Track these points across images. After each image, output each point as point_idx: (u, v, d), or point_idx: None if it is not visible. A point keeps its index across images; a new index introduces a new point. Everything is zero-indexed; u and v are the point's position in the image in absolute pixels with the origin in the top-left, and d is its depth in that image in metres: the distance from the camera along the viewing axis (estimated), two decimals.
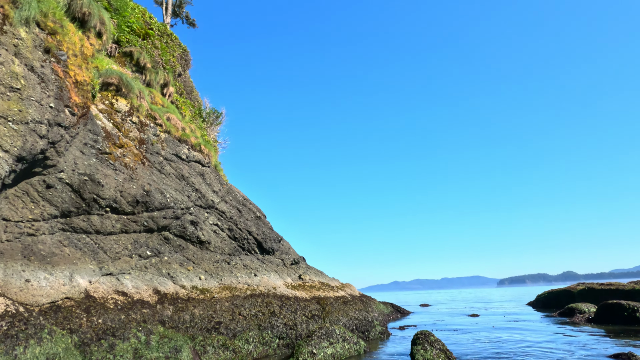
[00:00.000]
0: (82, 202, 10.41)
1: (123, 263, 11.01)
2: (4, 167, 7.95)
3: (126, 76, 13.65)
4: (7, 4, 8.80)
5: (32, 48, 9.36)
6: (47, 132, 9.25)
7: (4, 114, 8.12)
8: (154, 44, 17.98)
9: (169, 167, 14.32)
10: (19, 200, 9.22)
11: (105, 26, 13.45)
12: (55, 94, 9.72)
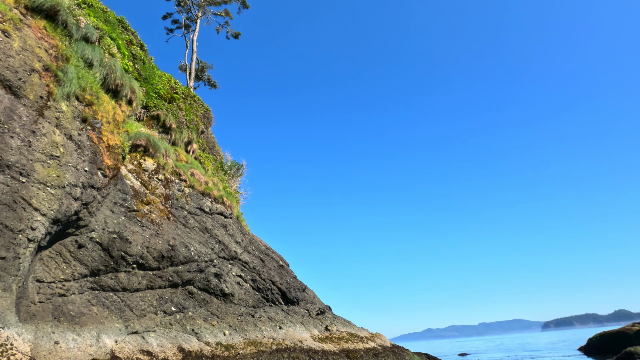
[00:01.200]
0: (111, 260, 10.69)
1: (148, 320, 10.95)
2: (41, 230, 8.40)
3: (153, 137, 14.59)
4: (52, 82, 9.86)
5: (71, 119, 10.27)
6: (81, 194, 9.83)
7: (43, 180, 8.75)
8: (178, 106, 19.35)
9: (193, 221, 14.68)
10: (52, 261, 9.58)
11: (135, 94, 14.70)
12: (90, 159, 10.46)
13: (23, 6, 10.24)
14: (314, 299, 20.23)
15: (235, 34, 38.14)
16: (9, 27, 9.08)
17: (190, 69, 33.04)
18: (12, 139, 8.36)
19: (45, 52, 10.04)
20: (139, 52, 17.95)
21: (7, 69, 8.66)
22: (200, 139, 23.00)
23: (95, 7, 15.98)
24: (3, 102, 8.35)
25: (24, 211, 8.12)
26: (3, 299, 7.02)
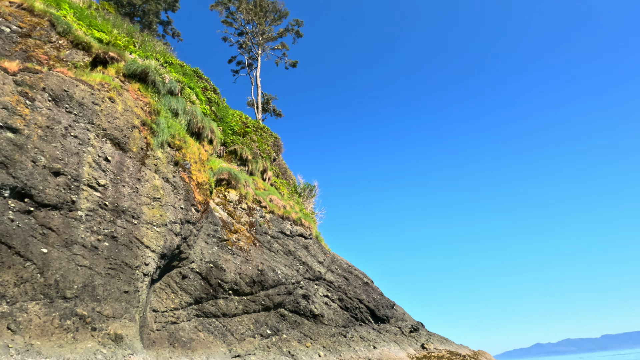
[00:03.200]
0: (210, 287, 11.56)
1: (248, 344, 11.48)
2: (153, 265, 9.47)
3: (234, 170, 15.75)
4: (149, 134, 11.31)
5: (166, 163, 11.60)
6: (181, 229, 10.91)
7: (150, 220, 9.92)
8: (251, 138, 20.74)
9: (276, 245, 15.28)
10: (163, 292, 10.69)
11: (215, 134, 16.15)
12: (184, 197, 11.62)
13: (122, 74, 12.07)
14: (404, 315, 19.34)
15: (292, 63, 40.14)
16: (113, 94, 10.74)
17: (257, 103, 35.45)
18: (124, 188, 9.69)
19: (141, 110, 11.61)
20: (213, 95, 19.82)
21: (114, 129, 10.18)
22: (274, 166, 24.21)
23: (175, 63, 18.17)
24: (115, 157, 9.79)
25: (138, 249, 9.25)
26: (129, 328, 7.97)
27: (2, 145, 7.45)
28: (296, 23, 38.77)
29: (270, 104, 39.22)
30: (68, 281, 7.45)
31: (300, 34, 39.38)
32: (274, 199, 17.48)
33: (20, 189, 7.42)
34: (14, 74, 8.61)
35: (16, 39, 10.84)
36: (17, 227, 7.12)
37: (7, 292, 6.56)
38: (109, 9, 22.05)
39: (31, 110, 8.38)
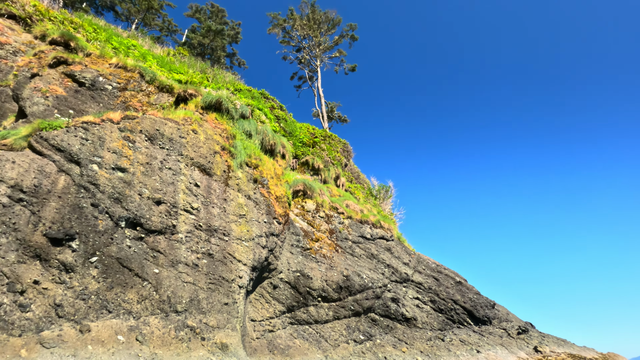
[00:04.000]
0: (300, 295, 11.93)
1: (343, 350, 11.52)
2: (246, 278, 10.14)
3: (308, 181, 16.20)
4: (228, 157, 12.28)
5: (246, 182, 12.43)
6: (266, 242, 11.53)
7: (239, 236, 10.68)
8: (321, 147, 21.19)
9: (358, 249, 15.20)
10: (257, 302, 11.36)
11: (286, 148, 16.88)
12: (266, 211, 12.28)
13: (200, 107, 13.37)
14: (508, 315, 17.53)
15: (352, 68, 40.21)
16: (195, 126, 11.93)
17: (321, 113, 36.22)
18: (214, 209, 10.62)
19: (220, 136, 12.67)
20: (280, 113, 20.80)
21: (200, 157, 11.27)
22: (346, 172, 24.32)
23: (243, 89, 19.57)
24: (203, 182, 10.81)
25: (232, 264, 10.00)
26: (233, 337, 8.60)
27: (115, 184, 8.77)
28: (350, 28, 38.89)
29: (335, 111, 39.72)
30: (178, 296, 8.36)
31: (355, 38, 39.38)
32: (350, 204, 17.49)
33: (132, 219, 8.62)
34: (117, 122, 10.13)
35: (117, 93, 12.77)
36: (133, 252, 8.27)
37: (132, 308, 7.61)
38: (184, 52, 24.78)
39: (133, 150, 9.73)
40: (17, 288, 6.60)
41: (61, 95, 11.28)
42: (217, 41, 35.31)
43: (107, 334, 6.91)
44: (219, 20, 39.62)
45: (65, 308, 6.86)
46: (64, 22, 15.63)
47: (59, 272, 7.17)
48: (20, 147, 8.34)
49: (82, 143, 8.94)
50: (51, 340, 6.30)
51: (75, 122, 9.44)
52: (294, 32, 39.17)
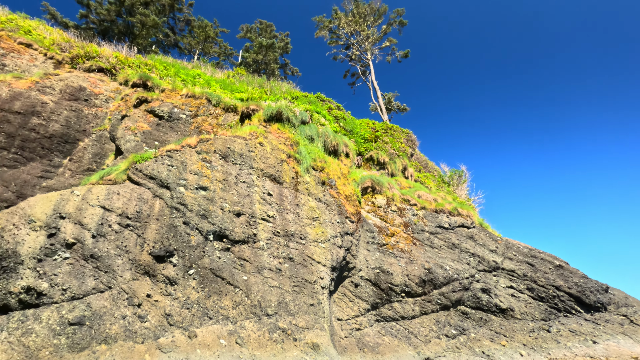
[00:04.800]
0: (382, 292, 11.80)
1: (435, 346, 11.09)
2: (327, 278, 10.35)
3: (375, 176, 15.99)
4: (295, 164, 12.69)
5: (315, 185, 12.71)
6: (342, 242, 11.64)
7: (315, 239, 10.95)
8: (383, 141, 20.77)
9: (437, 240, 14.53)
10: (341, 301, 11.50)
11: (349, 147, 16.89)
12: (337, 211, 12.41)
13: (263, 120, 14.05)
14: (627, 299, 15.18)
15: (404, 54, 38.79)
16: (261, 139, 12.57)
17: (379, 106, 35.53)
18: (288, 214, 11.05)
19: (284, 145, 13.17)
20: (338, 113, 20.90)
21: (269, 167, 11.84)
22: (412, 162, 23.48)
23: (300, 96, 20.10)
24: (275, 190, 11.34)
25: (312, 266, 10.29)
26: (322, 337, 8.83)
27: (200, 202, 9.64)
28: (397, 14, 37.59)
29: (393, 102, 38.66)
30: (267, 300, 8.86)
31: (404, 23, 37.94)
32: (422, 195, 16.83)
33: (218, 232, 9.38)
34: (194, 146, 11.13)
35: (190, 120, 14.04)
36: (223, 262, 8.98)
37: (229, 314, 8.27)
38: (241, 72, 26.34)
39: (211, 170, 10.60)
40: (135, 302, 7.61)
41: (146, 130, 12.78)
42: (269, 55, 36.84)
43: (211, 339, 7.60)
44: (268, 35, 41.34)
45: (174, 317, 7.72)
46: (140, 66, 17.71)
47: (165, 286, 8.10)
48: (121, 180, 9.63)
49: (168, 169, 10.01)
50: (167, 345, 7.13)
51: (160, 151, 10.61)
52: (341, 31, 39.12)
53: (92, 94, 14.13)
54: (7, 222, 7.48)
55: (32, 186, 10.76)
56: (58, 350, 6.42)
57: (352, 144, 18.26)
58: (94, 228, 8.07)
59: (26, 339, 6.41)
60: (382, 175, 17.45)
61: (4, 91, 11.86)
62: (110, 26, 30.15)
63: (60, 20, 29.13)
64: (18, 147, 11.11)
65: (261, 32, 41.66)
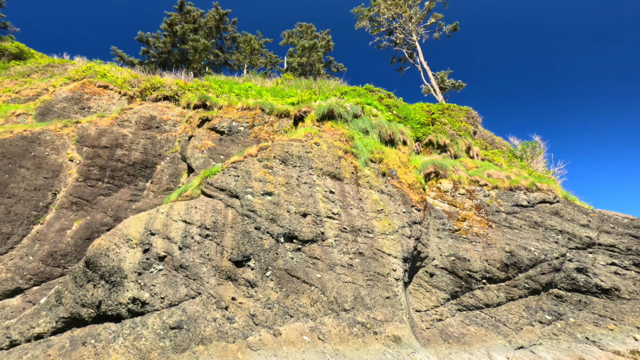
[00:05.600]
0: (460, 280, 11.24)
1: (528, 333, 10.26)
2: (400, 270, 10.16)
3: (437, 160, 15.29)
4: (353, 159, 12.65)
5: (375, 177, 12.54)
6: (411, 232, 11.33)
7: (382, 231, 10.81)
8: (441, 122, 19.76)
9: (515, 220, 13.42)
10: (417, 292, 11.20)
11: (405, 134, 16.37)
12: (402, 201, 12.11)
13: (315, 120, 14.25)
14: None
15: (452, 28, 36.47)
16: (316, 138, 12.75)
17: (432, 86, 33.88)
18: (352, 210, 11.06)
19: (340, 141, 13.20)
20: (389, 101, 20.38)
21: (328, 166, 11.96)
22: (476, 140, 22.00)
23: (348, 91, 19.99)
24: (336, 188, 11.42)
25: (383, 258, 10.17)
26: (402, 329, 8.69)
27: (267, 207, 10.10)
28: None
29: (446, 80, 36.58)
30: (342, 296, 8.97)
31: None
32: (492, 173, 15.68)
33: (287, 234, 9.73)
34: (255, 155, 11.68)
35: (248, 131, 14.77)
36: (296, 263, 9.29)
37: (308, 311, 8.53)
38: (289, 77, 26.99)
39: (273, 175, 11.03)
40: (222, 305, 8.22)
41: (211, 146, 13.73)
42: (313, 56, 37.22)
43: (294, 336, 7.91)
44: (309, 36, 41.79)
45: (258, 317, 8.18)
46: (198, 88, 19.10)
47: (247, 288, 8.63)
48: (197, 194, 10.47)
49: (235, 180, 10.65)
50: (255, 344, 7.59)
51: (226, 164, 11.32)
52: (381, 17, 38.06)
53: (162, 121, 15.57)
54: (109, 242, 8.59)
55: (125, 209, 12.20)
56: (165, 352, 7.20)
57: (408, 130, 17.67)
58: (180, 240, 8.89)
59: (138, 343, 7.29)
60: (444, 158, 16.61)
61: (92, 130, 13.62)
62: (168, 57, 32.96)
63: (127, 59, 32.60)
64: (109, 177, 12.67)
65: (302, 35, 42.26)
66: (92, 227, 11.22)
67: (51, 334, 7.88)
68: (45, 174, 11.59)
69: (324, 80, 25.48)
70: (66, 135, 13.08)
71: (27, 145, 11.93)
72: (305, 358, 7.33)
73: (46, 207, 11.08)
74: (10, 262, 9.75)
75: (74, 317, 7.98)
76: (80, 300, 8.08)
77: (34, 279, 9.79)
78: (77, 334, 7.73)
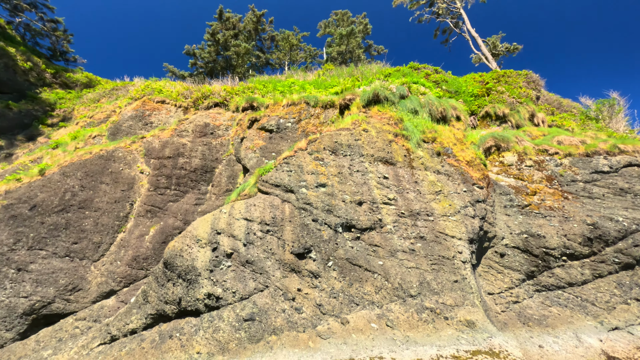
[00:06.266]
0: (536, 258, 10.38)
1: (622, 312, 9.19)
2: (466, 252, 9.65)
3: (496, 132, 14.19)
4: (404, 141, 12.23)
5: (429, 158, 12.00)
6: (474, 211, 10.69)
7: (443, 213, 10.34)
8: (497, 91, 18.27)
9: (596, 189, 12.01)
10: (487, 274, 10.57)
11: (458, 109, 15.40)
12: (461, 180, 11.46)
13: (361, 107, 13.99)
14: None
15: None
16: (364, 125, 12.52)
17: (483, 54, 31.47)
18: (408, 194, 10.72)
19: (388, 125, 12.83)
20: (437, 76, 19.32)
21: (378, 151, 11.70)
22: (540, 105, 20.04)
23: (392, 72, 19.31)
24: (389, 173, 11.14)
25: (446, 241, 9.74)
26: (475, 313, 8.27)
27: (322, 198, 10.17)
28: None
29: (499, 45, 33.71)
30: (407, 282, 8.77)
31: None
32: (563, 140, 14.19)
33: (345, 224, 9.72)
34: (305, 149, 11.80)
35: (295, 126, 14.96)
36: (356, 251, 9.27)
37: (373, 299, 8.48)
38: (329, 67, 26.81)
39: (325, 166, 11.07)
40: (289, 296, 8.49)
41: (262, 145, 14.16)
42: (352, 42, 36.52)
43: (362, 323, 7.92)
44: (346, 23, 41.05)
45: (325, 306, 8.32)
46: (244, 91, 19.76)
47: (311, 279, 8.81)
48: (254, 192, 10.89)
49: (289, 175, 10.87)
50: (325, 333, 7.74)
51: (278, 161, 11.60)
52: None
53: (215, 127, 16.39)
54: (182, 244, 9.28)
55: (192, 213, 13.09)
56: (241, 342, 7.64)
57: (461, 105, 16.61)
58: (243, 237, 9.33)
59: (217, 335, 7.82)
60: (505, 129, 15.38)
61: (156, 143, 14.77)
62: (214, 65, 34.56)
63: (179, 74, 34.79)
64: (175, 184, 13.68)
65: (338, 23, 41.64)
66: (166, 231, 12.23)
67: (143, 329, 8.77)
68: (122, 187, 12.85)
69: (365, 66, 24.89)
70: (135, 150, 14.35)
71: (104, 163, 13.31)
72: (376, 345, 7.31)
73: (126, 217, 12.30)
74: (103, 267, 11.01)
75: (159, 313, 8.79)
76: (163, 298, 8.87)
77: (123, 281, 10.96)
78: (164, 328, 8.51)
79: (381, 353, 7.06)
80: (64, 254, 10.74)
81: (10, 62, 19.84)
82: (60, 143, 15.67)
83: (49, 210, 11.27)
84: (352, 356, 7.00)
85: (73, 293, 10.26)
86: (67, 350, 8.73)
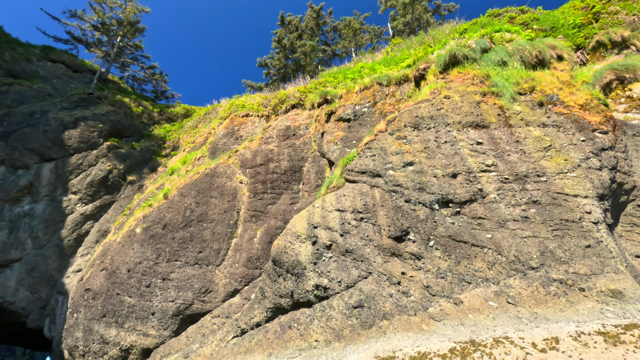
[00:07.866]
0: None
1: None
2: (597, 211, 8.16)
3: (616, 62, 11.65)
4: (495, 99, 10.92)
5: (530, 111, 10.47)
6: (599, 162, 8.97)
7: (558, 170, 8.92)
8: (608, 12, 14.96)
9: None
10: (631, 234, 8.77)
11: (558, 47, 13.08)
12: (576, 128, 9.73)
13: (438, 73, 12.95)
14: None
15: None
16: (445, 92, 11.57)
17: None
18: (510, 156, 9.54)
19: (472, 85, 11.61)
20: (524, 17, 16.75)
21: (466, 116, 10.68)
22: None
23: (467, 27, 17.38)
24: (483, 137, 10.08)
25: (567, 202, 8.39)
26: (621, 281, 6.94)
27: (412, 177, 9.74)
28: None
29: None
30: (525, 253, 7.83)
31: None
32: None
33: (441, 200, 9.14)
34: (385, 130, 11.44)
35: (372, 110, 14.64)
36: (458, 227, 8.63)
37: (487, 275, 7.80)
38: (397, 41, 25.48)
39: (409, 144, 10.57)
40: (394, 281, 8.37)
41: (342, 135, 14.22)
42: (417, 8, 34.09)
43: (478, 302, 7.36)
44: None
45: (433, 288, 7.97)
46: (317, 87, 20.12)
47: (413, 261, 8.53)
48: (341, 183, 11.02)
49: (373, 159, 10.69)
50: (437, 314, 7.42)
51: (360, 148, 11.50)
52: None
53: (295, 128, 17.08)
54: (285, 241, 9.92)
55: (289, 212, 13.91)
56: (354, 329, 7.83)
57: (561, 41, 14.06)
58: (339, 228, 9.52)
59: (330, 323, 8.16)
60: (627, 56, 12.52)
61: (248, 153, 16.07)
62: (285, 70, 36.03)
63: (256, 86, 37.25)
64: (270, 188, 14.69)
65: None
66: (270, 231, 13.25)
67: (265, 322, 9.67)
68: (228, 198, 14.36)
69: (436, 29, 22.97)
70: (232, 164, 15.88)
71: (210, 179, 15.04)
72: (498, 325, 6.71)
73: (235, 224, 13.71)
74: (225, 270, 12.49)
75: (276, 306, 9.57)
76: (277, 292, 9.63)
77: (243, 281, 12.26)
78: (282, 320, 9.24)
79: (506, 333, 6.44)
80: (193, 262, 12.49)
81: (128, 110, 23.85)
82: (174, 169, 18.23)
83: (176, 226, 13.22)
84: (473, 337, 6.55)
85: (206, 294, 11.86)
86: (209, 344, 10.16)
